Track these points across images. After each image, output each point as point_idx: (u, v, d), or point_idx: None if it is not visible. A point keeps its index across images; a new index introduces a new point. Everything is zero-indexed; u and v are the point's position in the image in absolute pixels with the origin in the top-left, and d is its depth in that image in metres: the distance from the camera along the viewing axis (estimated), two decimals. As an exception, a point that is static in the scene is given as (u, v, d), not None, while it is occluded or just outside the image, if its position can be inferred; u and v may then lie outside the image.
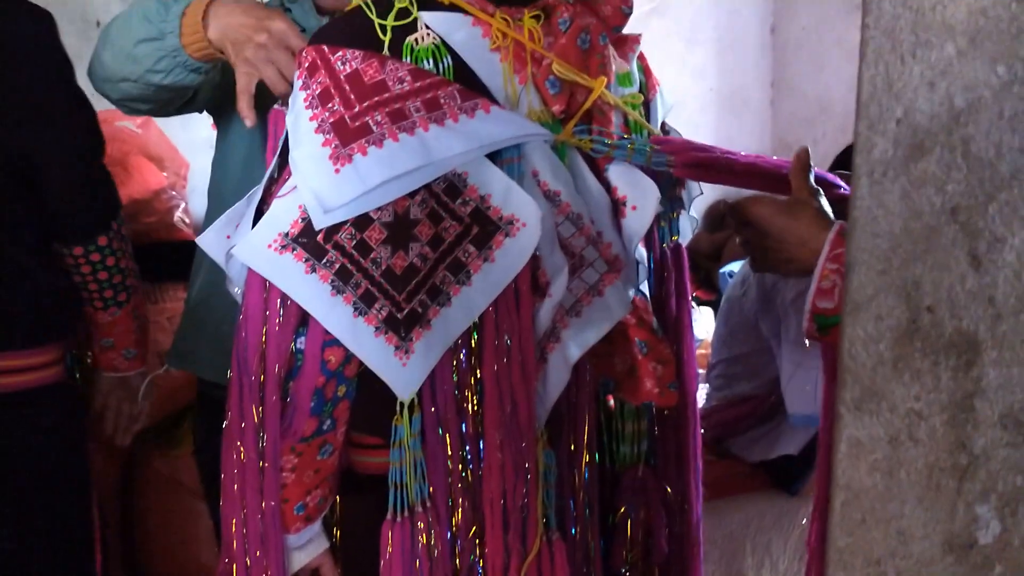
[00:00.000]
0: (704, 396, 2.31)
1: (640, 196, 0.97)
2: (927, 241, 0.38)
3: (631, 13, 0.98)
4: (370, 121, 0.88)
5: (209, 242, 0.99)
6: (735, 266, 2.82)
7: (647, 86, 1.11)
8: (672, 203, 1.09)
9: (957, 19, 0.37)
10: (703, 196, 1.18)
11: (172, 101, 1.27)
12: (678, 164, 0.97)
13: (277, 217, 0.89)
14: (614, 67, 1.00)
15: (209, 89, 1.29)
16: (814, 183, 0.97)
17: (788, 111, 4.12)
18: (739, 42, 4.05)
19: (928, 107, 0.39)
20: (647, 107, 1.08)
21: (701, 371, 2.72)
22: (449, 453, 0.92)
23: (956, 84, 0.38)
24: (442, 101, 0.89)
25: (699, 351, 3.05)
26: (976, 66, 0.38)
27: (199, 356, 1.44)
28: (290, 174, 0.90)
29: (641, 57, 1.10)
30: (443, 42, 0.92)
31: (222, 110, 1.37)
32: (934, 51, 0.39)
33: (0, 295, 1.32)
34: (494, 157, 0.91)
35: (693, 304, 1.33)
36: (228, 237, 0.98)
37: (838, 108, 3.80)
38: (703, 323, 3.43)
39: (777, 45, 4.13)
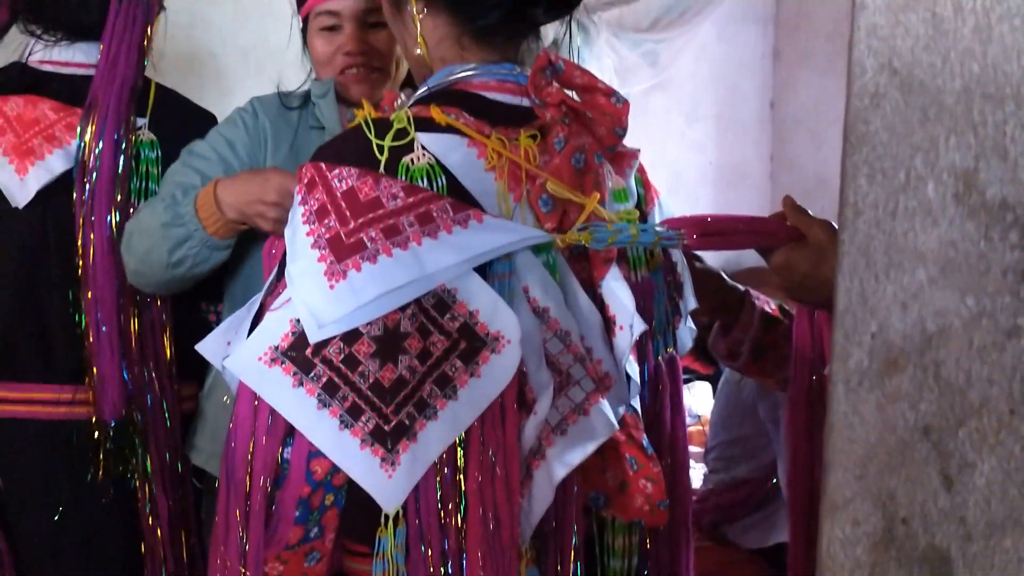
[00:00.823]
0: (701, 478, 2.29)
1: (630, 317, 0.98)
2: (901, 455, 0.39)
3: (625, 134, 1.00)
4: (364, 237, 0.90)
5: (208, 348, 1.02)
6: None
7: (645, 199, 1.12)
8: (668, 314, 1.10)
9: (928, 247, 0.39)
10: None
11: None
12: (690, 236, 1.00)
13: (269, 330, 0.91)
14: (610, 183, 1.02)
15: None
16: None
17: (787, 185, 4.16)
18: (739, 117, 4.12)
19: (901, 327, 0.40)
20: (644, 221, 1.09)
21: (697, 449, 2.71)
22: (431, 569, 0.91)
23: (927, 308, 0.40)
24: (435, 214, 0.91)
25: (696, 427, 3.04)
26: (946, 294, 0.39)
27: (201, 448, 1.55)
28: (285, 287, 0.92)
29: (640, 170, 1.12)
30: (438, 162, 0.95)
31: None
32: (906, 274, 0.41)
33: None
34: (485, 272, 0.93)
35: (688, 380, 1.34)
36: (228, 343, 1.01)
37: (836, 183, 3.81)
38: (700, 398, 3.43)
39: (776, 120, 4.21)
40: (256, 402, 0.91)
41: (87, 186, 1.50)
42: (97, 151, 1.49)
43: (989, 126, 0.41)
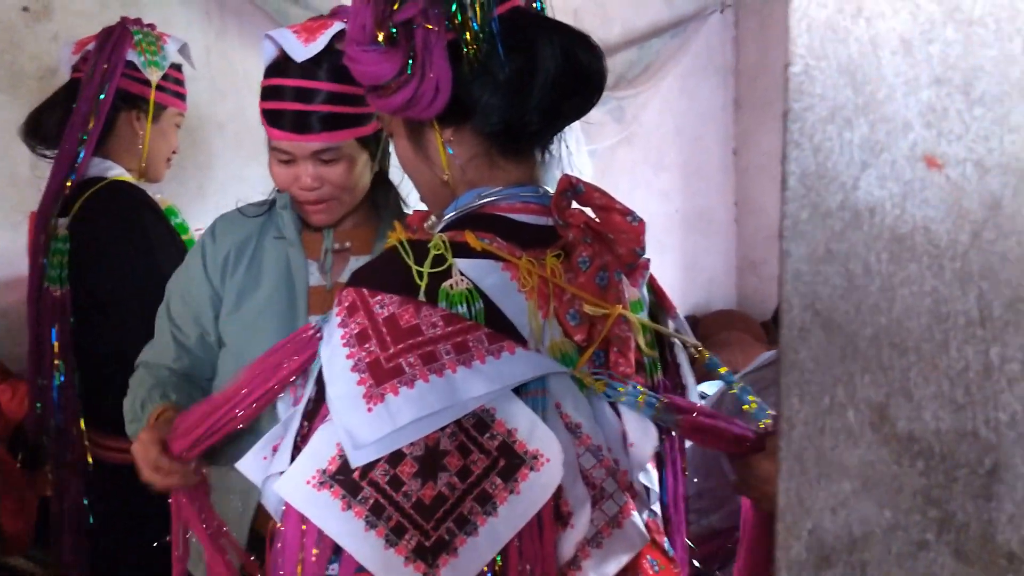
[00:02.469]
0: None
1: (641, 435, 1.02)
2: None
3: (643, 254, 1.05)
4: (403, 363, 0.93)
5: (248, 465, 1.05)
6: (707, 387, 2.82)
7: (659, 306, 1.16)
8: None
9: (851, 463, 0.46)
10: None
11: None
12: (684, 425, 1.02)
13: (316, 453, 0.94)
14: (627, 296, 1.06)
15: None
16: None
17: (752, 229, 4.30)
18: (703, 166, 4.25)
19: (832, 527, 0.47)
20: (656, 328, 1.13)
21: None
22: None
23: (853, 515, 0.46)
24: (471, 344, 0.95)
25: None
26: (868, 505, 0.47)
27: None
28: (328, 410, 0.95)
29: (651, 280, 1.16)
30: (475, 286, 0.99)
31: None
32: (834, 484, 0.48)
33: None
34: (520, 389, 0.96)
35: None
36: (264, 459, 1.04)
37: (799, 228, 4.00)
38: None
39: (739, 168, 4.34)
40: (304, 524, 0.94)
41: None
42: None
43: (896, 370, 0.47)
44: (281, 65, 1.50)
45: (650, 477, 1.06)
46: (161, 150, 2.20)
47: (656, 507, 1.10)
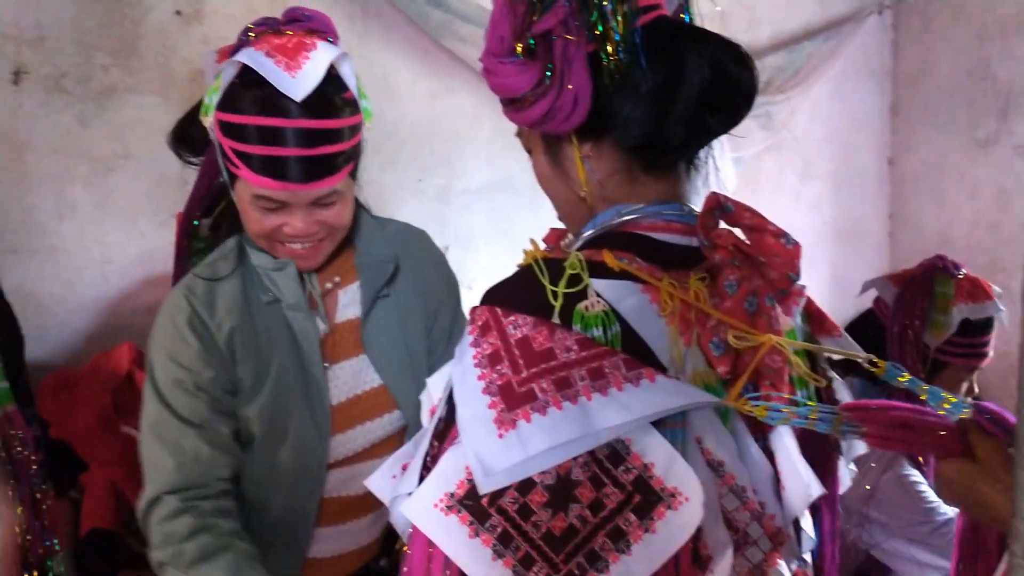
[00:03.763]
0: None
1: (795, 479, 0.96)
2: None
3: (798, 279, 0.97)
4: (536, 388, 0.89)
5: (376, 483, 1.03)
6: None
7: (817, 333, 1.10)
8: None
9: None
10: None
11: None
12: (872, 435, 0.94)
13: (444, 476, 0.91)
14: (781, 324, 0.99)
15: None
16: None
17: (907, 244, 4.07)
18: (855, 175, 4.05)
19: None
20: (812, 361, 1.07)
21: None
22: None
23: None
24: (607, 371, 0.90)
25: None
26: None
27: None
28: (457, 432, 0.91)
29: (808, 303, 1.09)
30: (612, 309, 0.93)
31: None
32: None
33: None
34: (658, 421, 0.90)
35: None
36: (394, 477, 1.02)
37: (960, 244, 3.73)
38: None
39: (895, 178, 4.12)
40: (431, 548, 0.91)
41: None
42: None
43: None
44: (257, 98, 1.29)
45: (806, 521, 1.00)
46: None
47: (808, 556, 1.02)
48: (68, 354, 2.48)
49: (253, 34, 1.37)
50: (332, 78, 1.35)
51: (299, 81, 1.28)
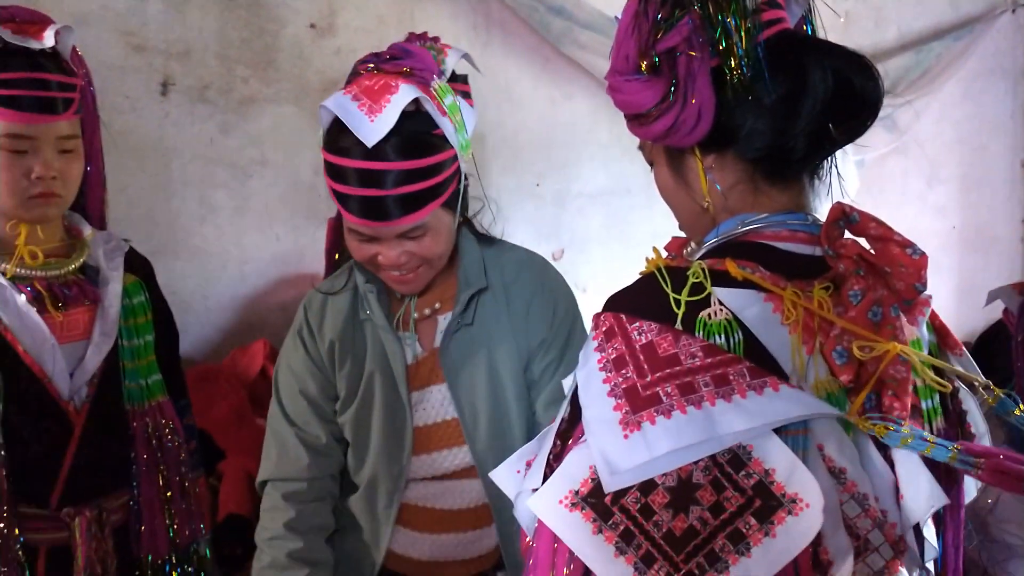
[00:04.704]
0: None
1: (914, 489, 0.95)
2: None
3: (924, 290, 0.97)
4: (660, 392, 0.91)
5: (502, 477, 1.08)
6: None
7: (941, 347, 1.09)
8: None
9: None
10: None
11: None
12: (987, 468, 0.92)
13: (569, 474, 0.94)
14: (906, 334, 0.98)
15: None
16: None
17: (1041, 250, 3.90)
18: (986, 179, 3.91)
19: None
20: (939, 371, 1.05)
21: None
22: None
23: None
24: (731, 378, 0.91)
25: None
26: None
27: None
28: (582, 431, 0.95)
29: (933, 316, 1.08)
30: (735, 317, 0.95)
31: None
32: None
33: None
34: (779, 428, 0.91)
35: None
36: (518, 472, 1.06)
37: (1099, 250, 3.58)
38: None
39: (1029, 181, 3.95)
40: (555, 543, 0.95)
41: None
42: None
43: None
44: (352, 143, 1.37)
45: (929, 531, 0.99)
46: None
47: (930, 565, 1.01)
48: (207, 349, 2.64)
49: (358, 73, 1.47)
50: (419, 117, 1.40)
51: (376, 126, 1.34)
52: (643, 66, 1.03)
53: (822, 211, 1.05)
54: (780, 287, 0.97)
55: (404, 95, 1.38)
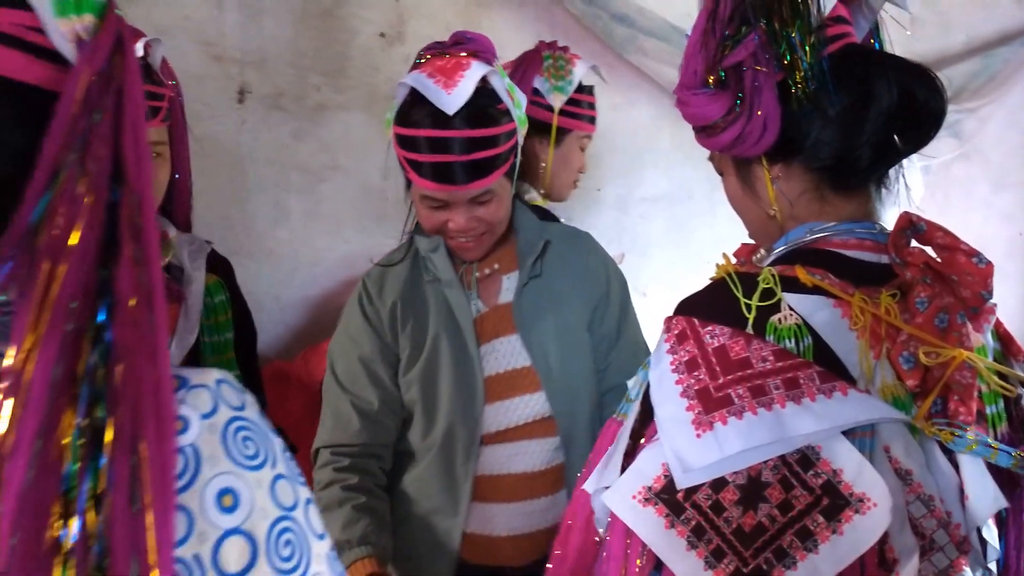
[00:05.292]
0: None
1: (980, 491, 0.97)
2: None
3: (991, 298, 0.99)
4: (732, 393, 0.95)
5: (589, 485, 1.10)
6: None
7: (1005, 354, 1.10)
8: None
9: None
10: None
11: None
12: None
13: (642, 471, 0.98)
14: (972, 341, 1.00)
15: None
16: None
17: (1113, 258, 3.81)
18: (1056, 183, 3.84)
19: None
20: (1004, 378, 1.07)
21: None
22: None
23: None
24: (802, 382, 0.94)
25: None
26: None
27: None
28: (655, 429, 0.99)
29: (997, 324, 1.10)
30: (804, 322, 0.98)
31: None
32: None
33: None
34: (847, 430, 0.94)
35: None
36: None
37: None
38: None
39: (1099, 189, 3.87)
40: (628, 539, 0.99)
41: None
42: None
43: None
44: (424, 114, 1.48)
45: (991, 532, 1.01)
46: (564, 172, 2.21)
47: (992, 566, 1.03)
48: (280, 348, 2.73)
49: (424, 59, 1.59)
50: (486, 92, 1.53)
51: (453, 97, 1.47)
52: (710, 80, 1.08)
53: (889, 219, 1.08)
54: (848, 293, 1.00)
55: (476, 71, 1.50)
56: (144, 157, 0.66)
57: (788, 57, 1.03)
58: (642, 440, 1.03)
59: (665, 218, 3.24)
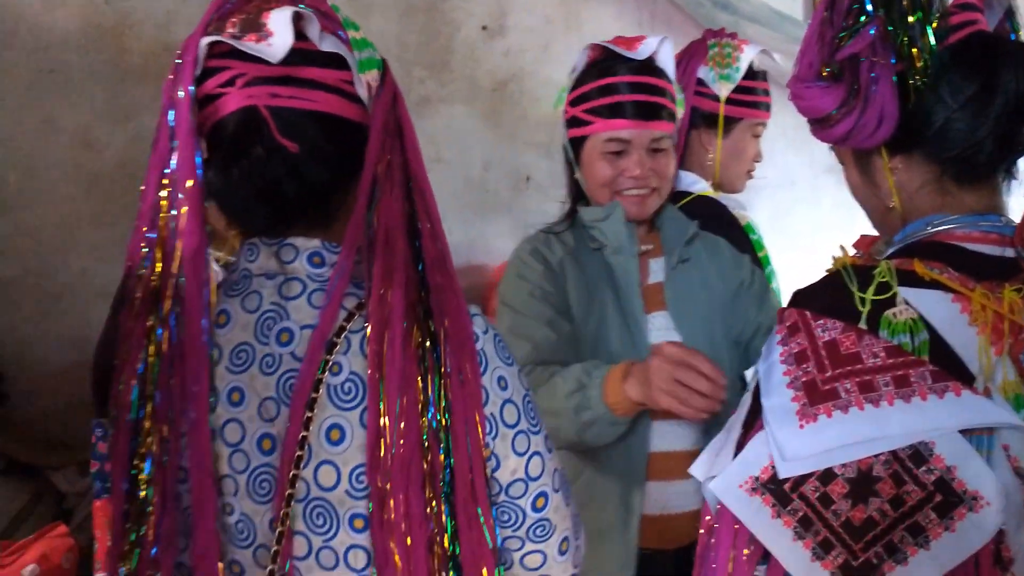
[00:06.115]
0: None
1: None
2: None
3: None
4: (839, 387, 0.95)
5: (696, 468, 1.11)
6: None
7: None
8: None
9: None
10: None
11: None
12: None
13: (749, 461, 0.98)
14: None
15: None
16: None
17: None
18: None
19: None
20: None
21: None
22: None
23: None
24: (912, 380, 0.93)
25: None
26: None
27: None
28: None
29: None
30: (921, 317, 0.97)
31: None
32: None
33: None
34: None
35: None
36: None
37: None
38: None
39: None
40: (736, 525, 0.99)
41: None
42: None
43: None
44: (613, 67, 1.66)
45: None
46: (735, 163, 2.16)
47: None
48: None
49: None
50: (661, 58, 1.71)
51: (638, 52, 1.66)
52: (825, 72, 1.07)
53: (1015, 211, 1.06)
54: (968, 288, 0.98)
55: (653, 40, 1.69)
56: (422, 167, 1.01)
57: (907, 48, 1.02)
58: (751, 430, 1.04)
59: (768, 206, 3.20)
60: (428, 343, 0.94)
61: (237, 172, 0.96)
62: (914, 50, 1.02)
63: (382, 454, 0.91)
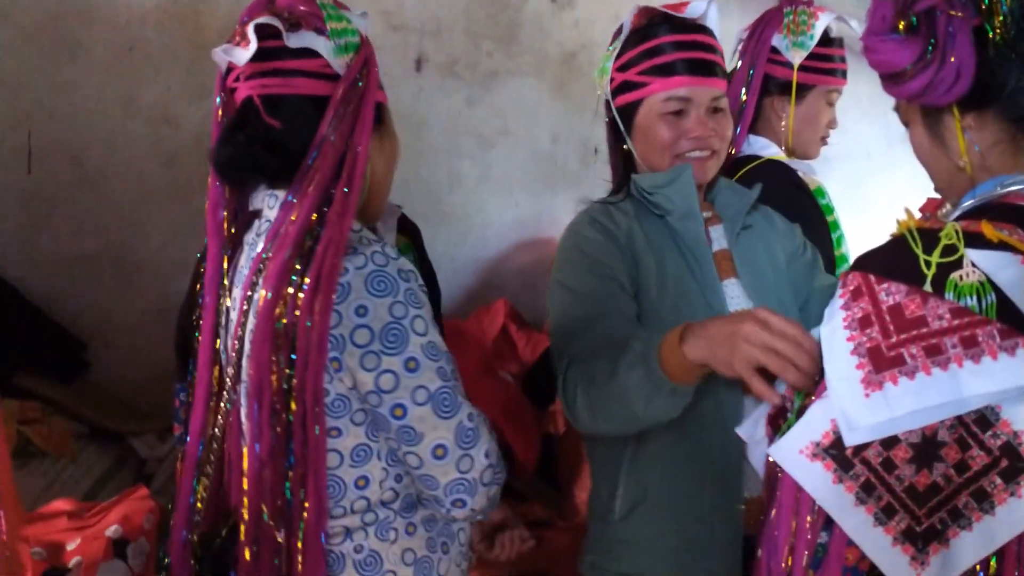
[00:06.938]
0: None
1: None
2: None
3: None
4: (905, 353, 0.93)
5: (745, 430, 1.12)
6: None
7: None
8: None
9: None
10: None
11: None
12: None
13: (810, 426, 0.98)
14: None
15: None
16: None
17: None
18: None
19: None
20: None
21: None
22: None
23: None
24: (980, 339, 0.92)
25: None
26: None
27: None
28: (824, 387, 0.98)
29: None
30: (988, 279, 0.95)
31: None
32: None
33: None
34: None
35: None
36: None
37: None
38: None
39: None
40: (799, 492, 0.99)
41: None
42: None
43: None
44: (666, 26, 1.62)
45: None
46: (809, 129, 2.14)
47: None
48: (454, 307, 2.84)
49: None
50: (708, 17, 1.66)
51: (688, 12, 1.62)
52: (900, 26, 1.05)
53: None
54: None
55: (700, 2, 1.64)
56: (365, 131, 1.26)
57: (987, 1, 1.00)
58: (812, 396, 1.03)
59: (841, 177, 3.13)
60: (299, 265, 1.21)
61: (240, 140, 1.27)
62: (993, 3, 1.00)
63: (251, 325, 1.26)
